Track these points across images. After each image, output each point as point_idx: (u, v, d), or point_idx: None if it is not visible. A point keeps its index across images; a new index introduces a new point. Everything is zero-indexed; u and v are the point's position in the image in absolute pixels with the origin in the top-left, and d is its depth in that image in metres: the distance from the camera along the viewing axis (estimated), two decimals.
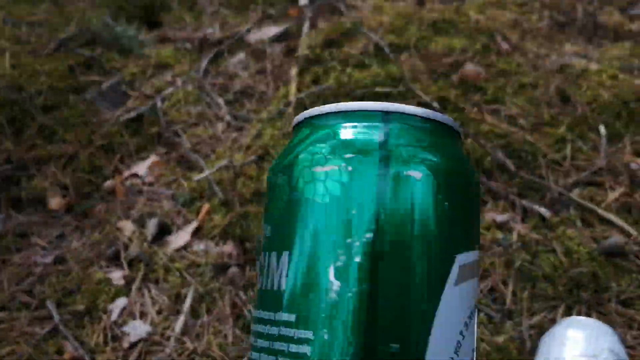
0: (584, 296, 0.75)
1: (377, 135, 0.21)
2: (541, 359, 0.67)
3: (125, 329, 0.88)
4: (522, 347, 0.72)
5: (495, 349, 0.72)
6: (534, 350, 0.71)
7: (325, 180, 0.21)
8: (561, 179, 0.84)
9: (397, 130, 0.22)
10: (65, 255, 0.93)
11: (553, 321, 0.72)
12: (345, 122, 0.22)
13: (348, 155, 0.21)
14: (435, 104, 0.90)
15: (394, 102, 0.90)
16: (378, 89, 0.91)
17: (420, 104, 0.81)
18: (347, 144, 0.21)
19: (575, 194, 0.82)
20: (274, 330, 0.21)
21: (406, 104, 0.24)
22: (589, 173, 0.83)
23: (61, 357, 0.83)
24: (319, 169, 0.21)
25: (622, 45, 0.94)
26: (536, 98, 0.92)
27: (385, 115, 0.22)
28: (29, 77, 1.04)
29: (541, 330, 0.72)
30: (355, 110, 0.22)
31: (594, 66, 0.92)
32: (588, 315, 0.75)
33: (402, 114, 0.22)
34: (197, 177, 0.91)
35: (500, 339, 0.73)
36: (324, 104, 0.23)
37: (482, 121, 0.89)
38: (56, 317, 0.86)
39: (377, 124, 0.22)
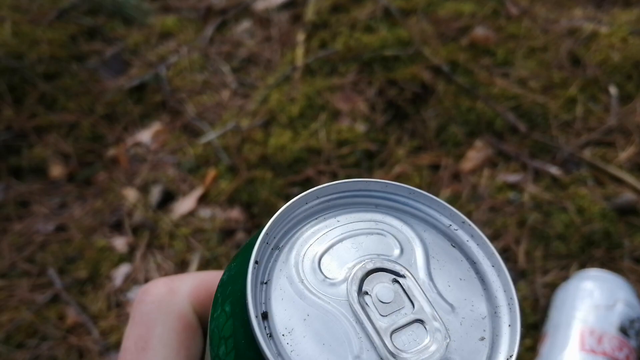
0: (596, 253, 0.74)
1: None
2: (555, 311, 0.66)
3: (129, 295, 0.86)
4: (536, 304, 0.71)
5: None
6: (547, 307, 0.70)
7: None
8: (572, 140, 0.83)
9: None
10: (67, 223, 0.91)
11: (566, 279, 0.71)
12: None
13: None
14: (445, 67, 0.89)
15: (402, 68, 0.89)
16: (387, 52, 0.90)
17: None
18: None
19: (586, 153, 0.81)
20: None
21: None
22: (599, 133, 0.82)
23: (63, 322, 0.81)
24: None
25: (632, 11, 0.94)
26: (546, 61, 0.91)
27: None
28: (30, 45, 1.02)
29: (554, 288, 0.71)
30: None
31: (604, 29, 0.92)
32: None
33: None
34: (203, 139, 0.89)
35: None
36: (332, 70, 0.22)
37: (492, 84, 0.88)
38: (58, 284, 0.84)
39: None
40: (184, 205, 0.89)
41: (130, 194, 0.92)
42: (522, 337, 0.19)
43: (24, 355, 0.77)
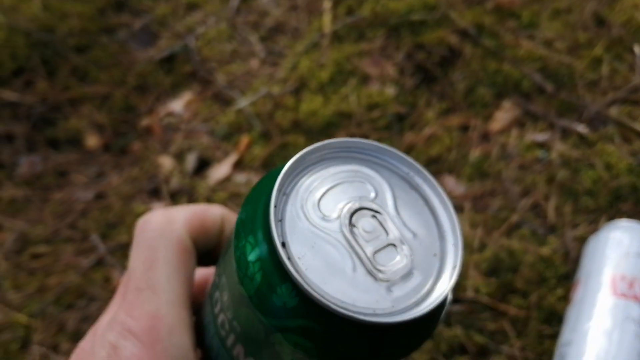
0: (624, 207, 0.76)
1: (366, 346, 0.24)
2: (587, 260, 0.69)
3: None
4: (567, 257, 0.74)
5: (540, 259, 0.74)
6: (578, 259, 0.73)
7: (293, 353, 0.25)
8: (598, 98, 0.85)
9: (389, 340, 0.24)
10: (105, 191, 0.94)
11: (595, 232, 0.73)
12: (332, 326, 0.23)
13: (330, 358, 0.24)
14: (472, 30, 0.91)
15: (429, 32, 0.91)
16: (414, 17, 0.92)
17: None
18: (331, 353, 0.24)
19: (612, 111, 0.84)
20: None
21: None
22: (625, 91, 0.84)
23: (109, 284, 0.84)
24: (298, 352, 0.24)
25: None
26: (571, 22, 0.92)
27: (380, 330, 0.24)
28: (60, 19, 1.04)
29: (583, 241, 0.74)
30: (346, 318, 0.23)
31: None
32: None
33: (395, 326, 0.24)
34: (235, 107, 0.91)
35: (544, 250, 0.74)
36: (360, 36, 0.27)
37: (518, 46, 0.90)
38: (101, 249, 0.88)
39: (369, 335, 0.24)
40: (220, 171, 0.92)
41: (166, 162, 0.95)
42: (463, 253, 0.26)
43: (75, 315, 0.81)
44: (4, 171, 0.96)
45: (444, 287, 0.25)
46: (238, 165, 0.91)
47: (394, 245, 0.25)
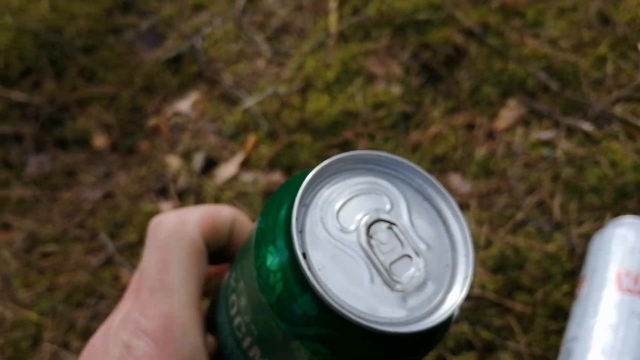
0: (629, 204, 0.77)
1: (383, 354, 0.25)
2: (592, 257, 0.70)
3: None
4: (572, 253, 0.75)
5: (545, 256, 0.74)
6: (583, 255, 0.74)
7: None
8: (603, 96, 0.85)
9: (404, 349, 0.25)
10: (113, 191, 0.95)
11: (600, 229, 0.74)
12: (352, 335, 0.24)
13: None
14: (477, 29, 0.91)
15: (435, 31, 0.91)
16: (419, 16, 0.92)
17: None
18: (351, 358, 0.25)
19: (617, 109, 0.84)
20: None
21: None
22: (630, 89, 0.85)
23: (118, 282, 0.85)
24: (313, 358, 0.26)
25: None
26: (576, 21, 0.93)
27: (396, 339, 0.25)
28: (68, 20, 1.05)
29: (589, 238, 0.74)
30: (364, 328, 0.24)
31: None
32: None
33: (410, 336, 0.25)
34: (242, 107, 0.92)
35: (550, 247, 0.75)
36: (365, 35, 0.28)
37: (523, 45, 0.90)
38: (110, 247, 0.88)
39: (386, 344, 0.25)
40: (227, 170, 0.92)
41: (173, 161, 0.95)
42: (475, 265, 0.27)
43: (84, 313, 0.82)
44: (13, 171, 0.97)
45: (455, 297, 0.25)
46: (245, 165, 0.92)
47: (409, 256, 0.26)
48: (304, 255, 0.25)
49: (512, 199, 0.80)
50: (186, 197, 0.91)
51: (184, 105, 1.00)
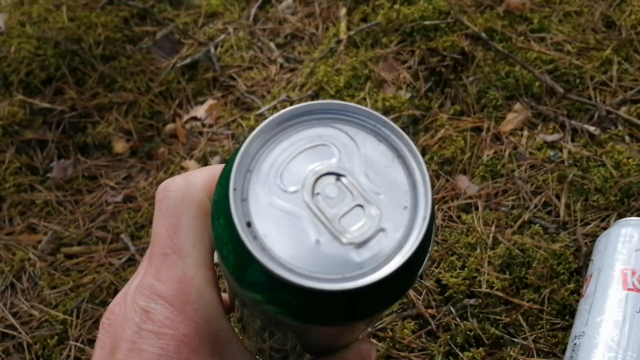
0: (635, 204, 0.79)
1: (342, 311, 0.25)
2: (598, 256, 0.72)
3: None
4: (578, 252, 0.77)
5: (552, 255, 0.77)
6: (589, 255, 0.76)
7: (282, 323, 0.28)
8: (608, 99, 0.88)
9: (361, 303, 0.25)
10: (134, 194, 0.98)
11: (606, 229, 0.76)
12: (305, 298, 0.25)
13: (309, 323, 0.26)
14: (483, 34, 0.94)
15: (442, 37, 0.93)
16: (427, 22, 0.95)
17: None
18: (308, 316, 0.25)
19: (622, 111, 0.86)
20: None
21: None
22: (635, 92, 0.87)
23: None
24: (280, 319, 0.27)
25: None
26: (581, 24, 0.95)
27: (350, 296, 0.25)
28: (87, 29, 1.09)
29: (595, 237, 0.76)
30: (317, 292, 0.24)
31: None
32: None
33: (365, 289, 0.24)
34: (257, 112, 0.95)
35: (556, 246, 0.77)
36: (375, 42, 0.28)
37: (529, 49, 0.93)
38: (132, 248, 0.92)
39: (342, 302, 0.25)
40: None
41: (191, 165, 0.99)
42: (434, 204, 0.26)
43: None
44: (37, 176, 1.01)
45: (414, 239, 0.24)
46: None
47: (360, 205, 0.25)
48: (249, 224, 0.24)
49: (519, 199, 0.82)
50: None
51: (200, 110, 1.04)
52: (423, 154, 0.89)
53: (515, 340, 0.72)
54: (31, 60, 1.06)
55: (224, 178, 0.26)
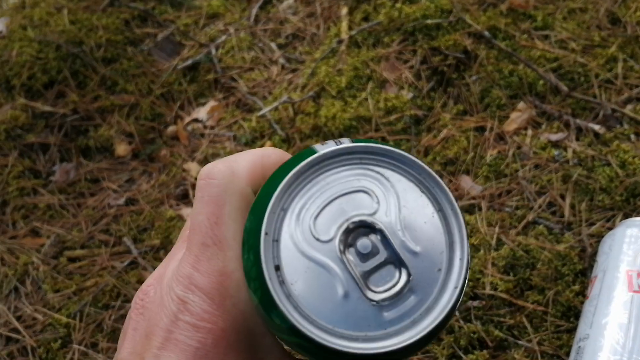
0: None
1: None
2: (603, 257, 0.71)
3: None
4: (583, 253, 0.76)
5: (556, 256, 0.76)
6: (594, 255, 0.75)
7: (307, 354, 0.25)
8: (614, 97, 0.86)
9: None
10: (136, 197, 0.98)
11: (611, 229, 0.75)
12: (324, 354, 0.24)
13: None
14: (486, 33, 0.93)
15: (444, 36, 0.92)
16: (429, 21, 0.94)
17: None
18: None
19: (628, 109, 0.85)
20: None
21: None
22: None
23: None
24: (301, 353, 0.26)
25: None
26: (586, 21, 0.93)
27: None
28: (88, 31, 1.09)
29: (600, 238, 0.75)
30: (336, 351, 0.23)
31: None
32: None
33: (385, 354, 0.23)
34: (258, 113, 0.95)
35: (561, 247, 0.76)
36: (376, 41, 0.26)
37: (533, 47, 0.91)
38: (134, 251, 0.92)
39: None
40: None
41: (193, 168, 0.99)
42: (468, 269, 0.25)
43: (111, 315, 0.86)
44: (40, 180, 1.01)
45: (443, 306, 0.24)
46: None
47: (392, 263, 0.24)
48: (277, 268, 0.24)
49: (523, 200, 0.82)
50: None
51: (201, 112, 1.03)
52: (425, 154, 0.88)
53: (520, 342, 0.71)
54: (33, 63, 1.06)
55: (260, 204, 0.26)
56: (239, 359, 0.27)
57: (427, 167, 0.26)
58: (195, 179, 0.98)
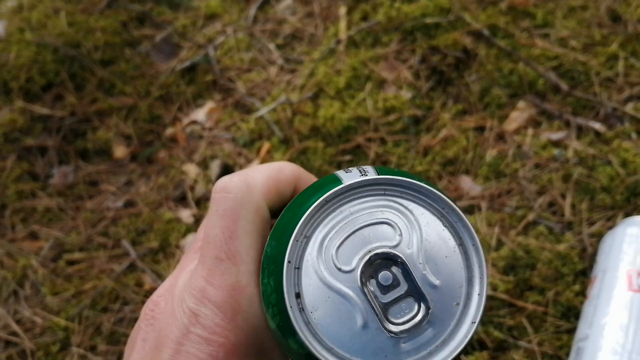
0: None
1: None
2: (603, 256, 0.70)
3: None
4: (584, 253, 0.75)
5: (557, 256, 0.75)
6: (594, 255, 0.74)
7: None
8: (614, 95, 0.86)
9: None
10: (134, 199, 0.98)
11: (612, 228, 0.74)
12: None
13: None
14: (486, 31, 0.92)
15: (443, 35, 0.92)
16: (428, 20, 0.93)
17: None
18: None
19: (629, 107, 0.84)
20: None
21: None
22: None
23: (140, 288, 0.88)
24: None
25: None
26: (586, 19, 0.93)
27: None
28: (85, 34, 1.08)
29: (601, 237, 0.75)
30: None
31: None
32: None
33: None
34: (255, 115, 0.94)
35: (561, 247, 0.76)
36: (375, 41, 0.26)
37: (533, 45, 0.91)
38: (132, 254, 0.92)
39: None
40: None
41: (191, 169, 0.98)
42: (486, 304, 0.25)
43: (110, 318, 0.85)
44: (38, 183, 1.01)
45: (460, 340, 0.24)
46: None
47: (412, 295, 0.24)
48: (298, 295, 0.24)
49: (523, 199, 0.81)
50: (204, 204, 0.94)
51: (200, 114, 1.03)
52: (425, 154, 0.88)
53: (519, 343, 0.70)
54: (31, 66, 1.06)
55: (282, 230, 0.26)
56: None
57: (450, 201, 0.26)
58: (195, 180, 0.98)
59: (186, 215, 0.95)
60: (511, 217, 0.80)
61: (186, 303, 0.28)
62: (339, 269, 0.25)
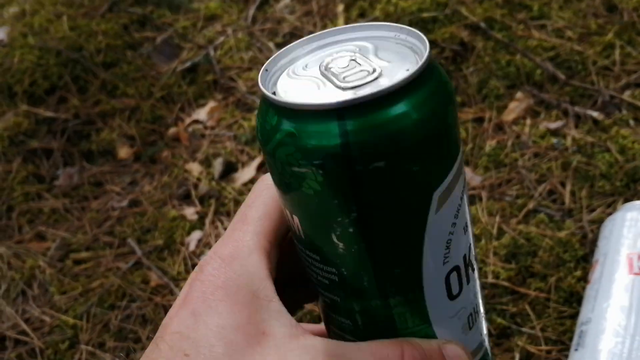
0: None
1: (337, 138, 0.24)
2: (604, 241, 0.71)
3: (203, 257, 0.94)
4: (584, 239, 0.76)
5: (558, 243, 0.76)
6: (595, 241, 0.75)
7: (304, 178, 0.26)
8: (612, 83, 0.86)
9: (354, 127, 0.24)
10: (139, 198, 0.99)
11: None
12: (304, 124, 0.25)
13: (315, 162, 0.25)
14: (483, 24, 0.93)
15: (441, 28, 0.93)
16: (425, 15, 0.95)
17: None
18: (311, 151, 0.25)
19: (626, 95, 0.85)
20: (309, 260, 0.30)
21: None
22: (638, 75, 0.86)
23: (147, 285, 0.89)
24: (295, 169, 0.26)
25: None
26: (582, 10, 0.93)
27: (340, 113, 0.24)
28: (87, 37, 1.10)
29: (601, 224, 0.75)
30: (310, 111, 0.25)
31: None
32: None
33: (355, 106, 0.24)
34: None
35: (562, 234, 0.76)
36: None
37: (530, 37, 0.92)
38: (138, 252, 0.93)
39: (334, 124, 0.24)
40: (245, 174, 0.96)
41: (194, 168, 0.99)
42: (430, 54, 0.26)
43: (117, 315, 0.86)
44: (44, 184, 1.02)
45: (412, 69, 0.25)
46: (263, 168, 0.95)
47: (367, 71, 0.27)
48: (273, 93, 0.27)
49: (523, 188, 0.82)
50: (207, 202, 0.95)
51: (201, 113, 1.04)
52: None
53: (523, 329, 0.71)
54: (34, 70, 1.08)
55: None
56: (234, 308, 0.29)
57: (404, 26, 0.29)
58: (198, 179, 0.99)
59: (190, 212, 0.96)
60: (512, 206, 0.80)
61: (199, 261, 0.31)
62: (304, 68, 0.29)
